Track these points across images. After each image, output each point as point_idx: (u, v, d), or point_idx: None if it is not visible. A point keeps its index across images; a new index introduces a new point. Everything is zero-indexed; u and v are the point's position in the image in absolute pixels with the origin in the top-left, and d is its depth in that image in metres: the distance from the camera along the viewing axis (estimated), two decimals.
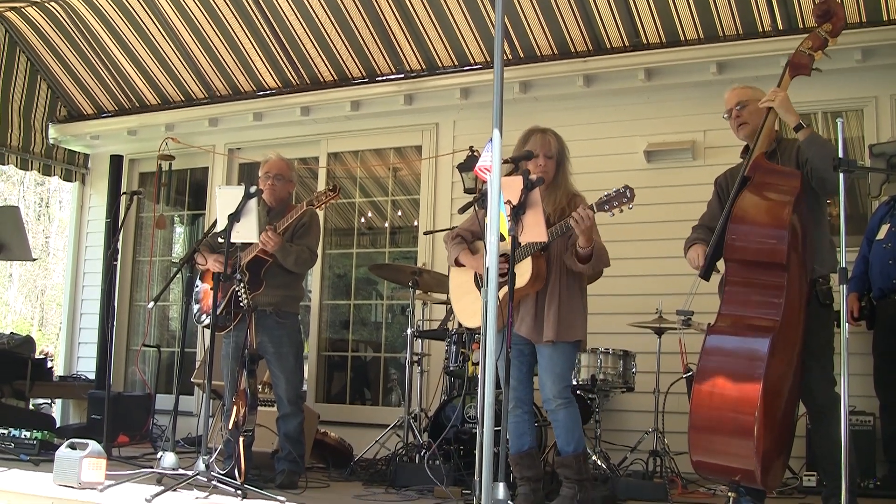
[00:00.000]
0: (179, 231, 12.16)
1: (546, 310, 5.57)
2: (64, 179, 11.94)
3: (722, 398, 4.80)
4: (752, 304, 4.96)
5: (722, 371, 4.88)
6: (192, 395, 9.90)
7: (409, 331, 7.91)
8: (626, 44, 8.63)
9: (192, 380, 9.09)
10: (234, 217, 5.99)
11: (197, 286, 7.12)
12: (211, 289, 6.30)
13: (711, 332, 5.00)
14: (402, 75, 9.69)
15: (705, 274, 5.26)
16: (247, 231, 6.04)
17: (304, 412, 6.95)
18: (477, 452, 4.79)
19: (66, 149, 11.74)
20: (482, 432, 4.24)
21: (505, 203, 4.74)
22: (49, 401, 11.68)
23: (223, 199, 6.11)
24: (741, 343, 4.91)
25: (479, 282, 5.81)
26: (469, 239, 5.94)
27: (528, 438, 5.72)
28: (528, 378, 5.82)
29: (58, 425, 10.01)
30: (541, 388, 5.67)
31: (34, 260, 19.13)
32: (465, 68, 9.37)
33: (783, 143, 5.40)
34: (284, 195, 7.05)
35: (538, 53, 8.99)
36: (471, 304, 5.83)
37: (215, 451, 5.89)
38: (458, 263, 5.95)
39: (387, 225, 10.46)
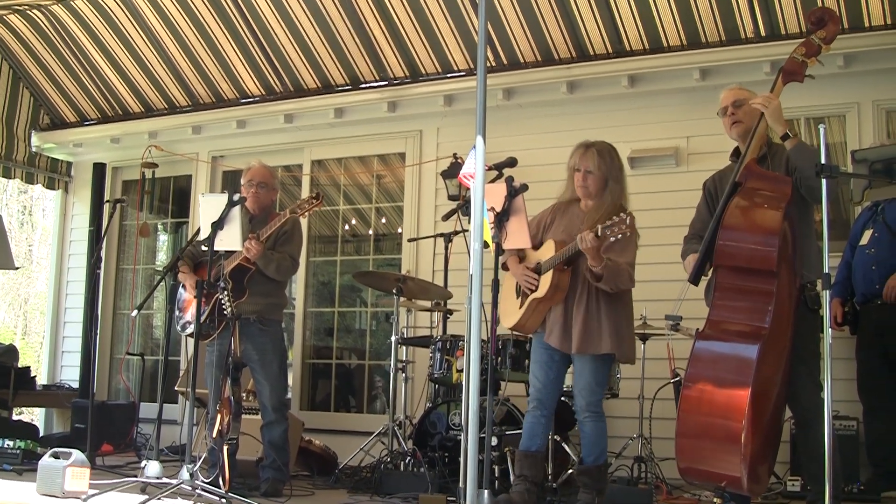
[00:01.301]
0: (163, 239, 12.12)
1: (573, 322, 5.66)
2: (47, 188, 11.88)
3: (710, 404, 4.82)
4: (742, 311, 4.98)
5: (711, 377, 4.90)
6: (177, 403, 9.88)
7: (393, 338, 7.89)
8: (610, 50, 8.64)
9: (176, 388, 9.07)
10: (218, 225, 5.98)
11: (180, 296, 7.10)
12: (195, 297, 6.29)
13: (700, 338, 5.01)
14: (386, 82, 9.68)
15: (694, 279, 5.27)
16: (230, 239, 6.03)
17: (288, 420, 6.94)
18: (462, 460, 4.80)
19: (48, 157, 11.68)
20: (467, 439, 4.24)
21: (488, 210, 4.75)
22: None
23: (206, 206, 6.10)
24: (730, 349, 4.92)
25: (518, 289, 5.94)
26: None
27: (538, 441, 5.80)
28: (555, 384, 5.88)
29: (41, 434, 9.95)
30: (574, 399, 5.78)
31: (17, 268, 19.06)
32: (449, 75, 9.37)
33: (773, 148, 5.42)
34: (267, 203, 7.04)
35: (521, 60, 9.00)
36: (509, 306, 5.99)
37: (199, 459, 5.87)
38: (504, 268, 6.04)
39: (371, 232, 10.46)
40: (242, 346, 6.44)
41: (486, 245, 4.48)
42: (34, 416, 13.27)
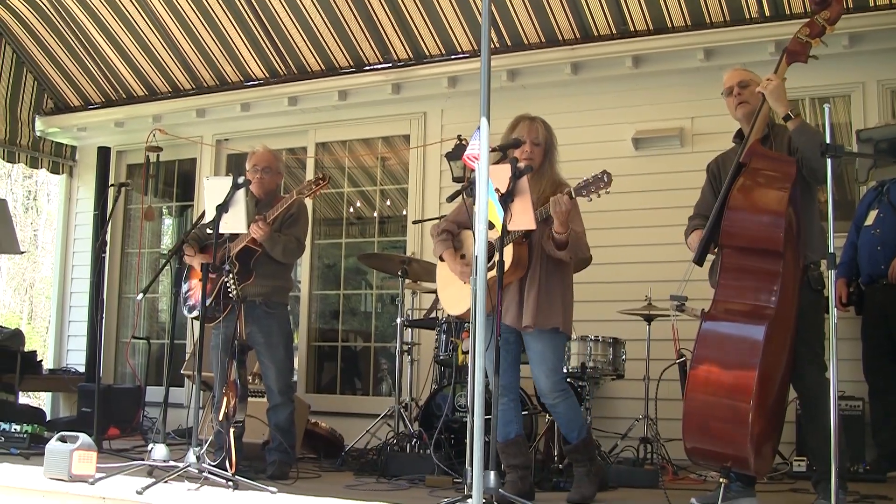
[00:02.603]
0: (168, 223, 12.13)
1: (526, 296, 5.59)
2: (51, 172, 11.90)
3: (718, 385, 4.80)
4: (748, 291, 4.96)
5: (718, 358, 4.88)
6: (182, 386, 9.89)
7: (398, 320, 7.91)
8: (614, 31, 8.62)
9: (181, 371, 9.08)
10: (223, 208, 5.97)
11: (185, 288, 7.08)
12: (200, 280, 6.29)
13: (707, 319, 4.99)
14: (390, 64, 9.67)
15: (699, 259, 5.25)
16: (235, 221, 6.01)
17: (294, 403, 6.94)
18: (468, 441, 4.80)
19: (53, 141, 11.70)
20: (473, 421, 4.24)
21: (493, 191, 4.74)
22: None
23: (211, 189, 6.08)
24: (737, 330, 4.91)
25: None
26: (455, 231, 5.95)
27: (514, 426, 5.75)
28: (514, 366, 5.84)
29: (48, 418, 9.97)
30: (535, 384, 5.71)
31: (22, 253, 19.07)
32: (453, 57, 9.36)
33: (776, 129, 5.39)
34: (272, 187, 7.03)
35: (525, 41, 8.98)
36: (455, 293, 5.88)
37: (206, 442, 5.88)
38: (442, 259, 5.98)
39: (375, 214, 10.46)
40: (248, 329, 6.45)
41: (491, 226, 4.47)
42: (41, 400, 13.33)
